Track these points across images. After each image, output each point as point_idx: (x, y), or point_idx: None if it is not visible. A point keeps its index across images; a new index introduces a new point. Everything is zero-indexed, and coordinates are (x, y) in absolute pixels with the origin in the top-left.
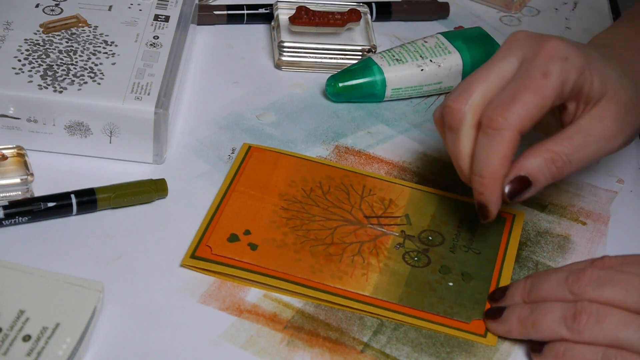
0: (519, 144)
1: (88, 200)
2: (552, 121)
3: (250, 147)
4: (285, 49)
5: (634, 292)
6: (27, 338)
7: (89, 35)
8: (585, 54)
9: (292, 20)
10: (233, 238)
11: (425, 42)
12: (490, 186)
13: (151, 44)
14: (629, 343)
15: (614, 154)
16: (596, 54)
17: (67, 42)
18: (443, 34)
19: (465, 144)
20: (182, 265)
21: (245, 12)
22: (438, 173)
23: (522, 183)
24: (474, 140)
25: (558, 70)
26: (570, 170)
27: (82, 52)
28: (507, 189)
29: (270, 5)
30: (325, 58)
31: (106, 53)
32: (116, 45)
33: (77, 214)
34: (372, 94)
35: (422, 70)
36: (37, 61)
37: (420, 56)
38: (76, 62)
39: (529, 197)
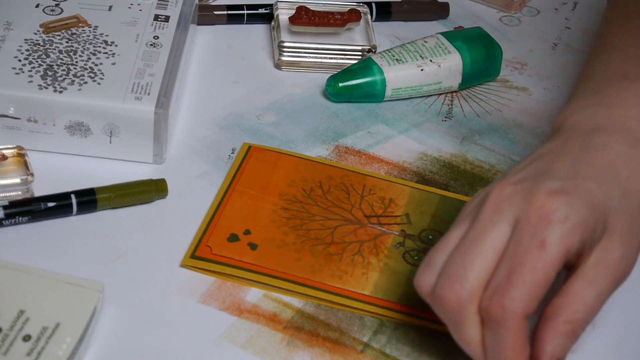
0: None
1: (88, 200)
2: None
3: (250, 147)
4: (285, 49)
5: None
6: (27, 338)
7: (89, 35)
8: (583, 198)
9: (292, 20)
10: (233, 238)
11: (425, 42)
12: None
13: (151, 44)
14: None
15: None
16: (590, 183)
17: (67, 42)
18: (443, 34)
19: (474, 334)
20: (182, 265)
21: (245, 12)
22: (438, 173)
23: None
24: (480, 328)
25: (557, 238)
26: (587, 325)
27: (82, 52)
28: None
29: (270, 5)
30: (325, 58)
31: (106, 53)
32: (116, 45)
33: (77, 214)
34: (372, 94)
35: (422, 70)
36: (37, 61)
37: (420, 56)
38: (76, 62)
39: None
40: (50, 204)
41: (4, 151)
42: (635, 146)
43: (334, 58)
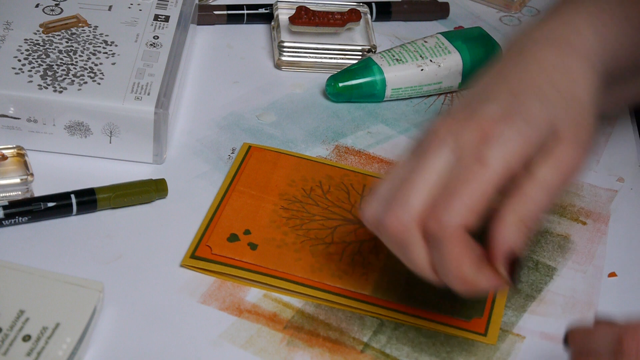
0: (470, 233)
1: (88, 200)
2: None
3: (250, 146)
4: (285, 49)
5: None
6: (27, 338)
7: (88, 35)
8: (520, 114)
9: (292, 20)
10: (233, 238)
11: (425, 42)
12: (468, 284)
13: (151, 44)
14: None
15: (615, 150)
16: (528, 98)
17: (67, 42)
18: (443, 33)
19: (422, 256)
20: (182, 265)
21: (245, 12)
22: None
23: (513, 262)
24: (427, 249)
25: (495, 155)
26: (539, 222)
27: (82, 52)
28: (509, 278)
29: (270, 5)
30: (325, 58)
31: (106, 53)
32: (116, 45)
33: (77, 214)
34: (372, 94)
35: (422, 70)
36: (37, 61)
37: (420, 56)
38: (76, 62)
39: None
40: (50, 204)
41: (3, 151)
42: (570, 55)
43: (334, 58)
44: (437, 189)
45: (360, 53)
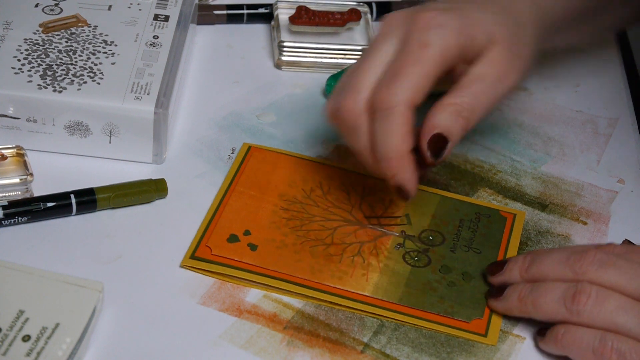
0: (414, 117)
1: (88, 200)
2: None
3: (250, 147)
4: (285, 49)
5: (636, 278)
6: (26, 338)
7: (88, 35)
8: (460, 13)
9: (292, 20)
10: (233, 238)
11: None
12: (398, 165)
13: (151, 44)
14: (627, 328)
15: (616, 151)
16: (470, 5)
17: (66, 42)
18: None
19: (364, 138)
20: (181, 266)
21: (245, 11)
22: (438, 173)
23: (440, 141)
24: (370, 131)
25: (435, 39)
26: (477, 117)
27: (82, 51)
28: (428, 151)
29: (270, 4)
30: (325, 58)
31: (106, 53)
32: (116, 45)
33: (76, 214)
34: None
35: None
36: (36, 61)
37: None
38: (76, 61)
39: (449, 155)
40: (50, 204)
41: (3, 151)
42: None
43: (334, 58)
44: (385, 73)
45: (360, 53)
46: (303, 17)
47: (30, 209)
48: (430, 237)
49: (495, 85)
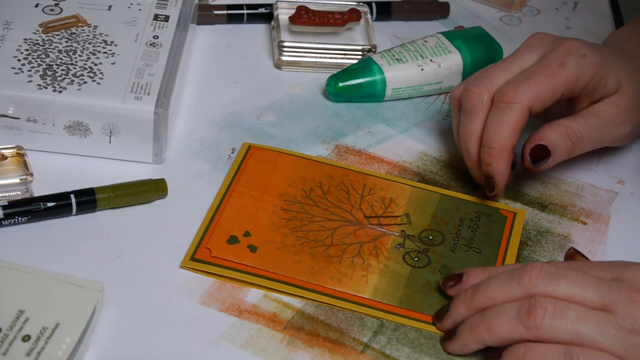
0: (527, 121)
1: (88, 200)
2: (564, 114)
3: (250, 146)
4: (285, 49)
5: (589, 287)
6: (26, 338)
7: (88, 35)
8: (602, 53)
9: (292, 20)
10: (232, 240)
11: (426, 41)
12: (497, 156)
13: (151, 44)
14: (591, 338)
15: (616, 152)
16: (612, 53)
17: (66, 42)
18: (443, 33)
19: (478, 126)
20: (181, 267)
21: (245, 11)
22: (438, 173)
23: (543, 151)
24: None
25: (575, 64)
26: (583, 147)
27: (82, 51)
28: (528, 155)
29: (270, 4)
30: (325, 58)
31: (106, 53)
32: (116, 45)
33: (76, 214)
34: (372, 94)
35: (422, 70)
36: (36, 61)
37: (421, 56)
38: (76, 61)
39: (546, 169)
40: (50, 204)
41: (3, 151)
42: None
43: (334, 58)
44: (516, 76)
45: (360, 53)
46: (303, 17)
47: (30, 209)
48: (431, 237)
49: (609, 124)
